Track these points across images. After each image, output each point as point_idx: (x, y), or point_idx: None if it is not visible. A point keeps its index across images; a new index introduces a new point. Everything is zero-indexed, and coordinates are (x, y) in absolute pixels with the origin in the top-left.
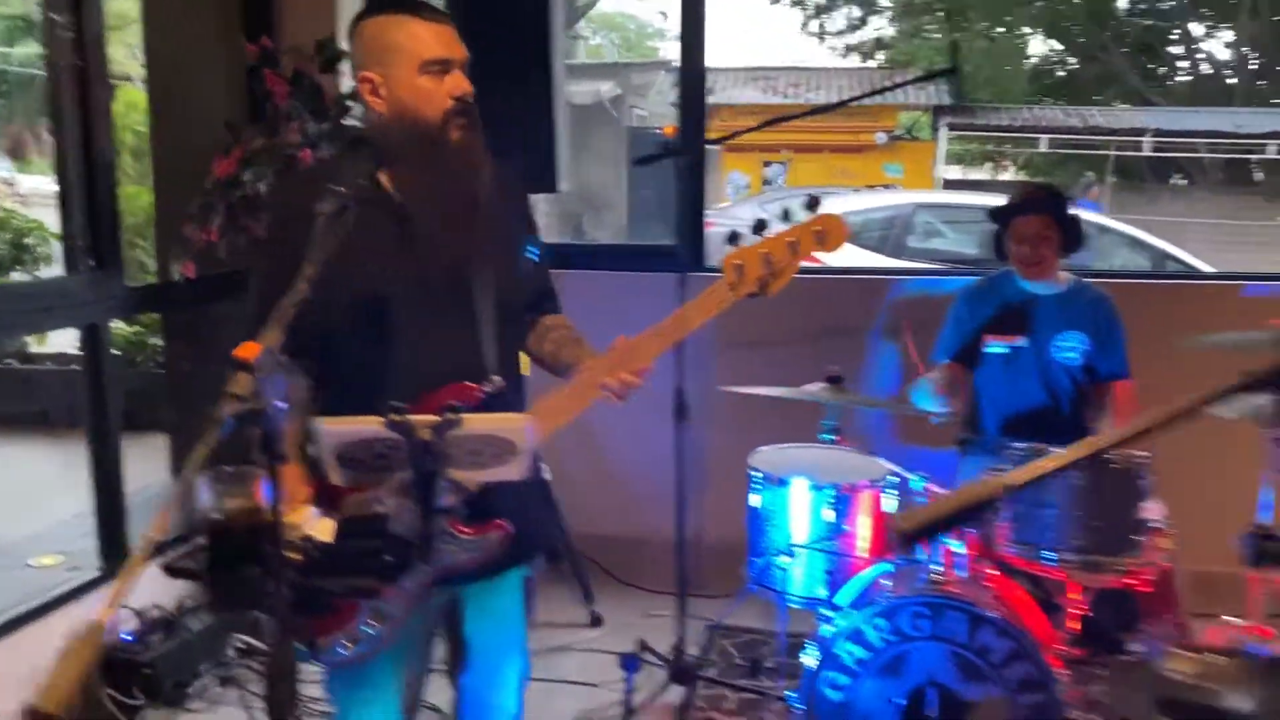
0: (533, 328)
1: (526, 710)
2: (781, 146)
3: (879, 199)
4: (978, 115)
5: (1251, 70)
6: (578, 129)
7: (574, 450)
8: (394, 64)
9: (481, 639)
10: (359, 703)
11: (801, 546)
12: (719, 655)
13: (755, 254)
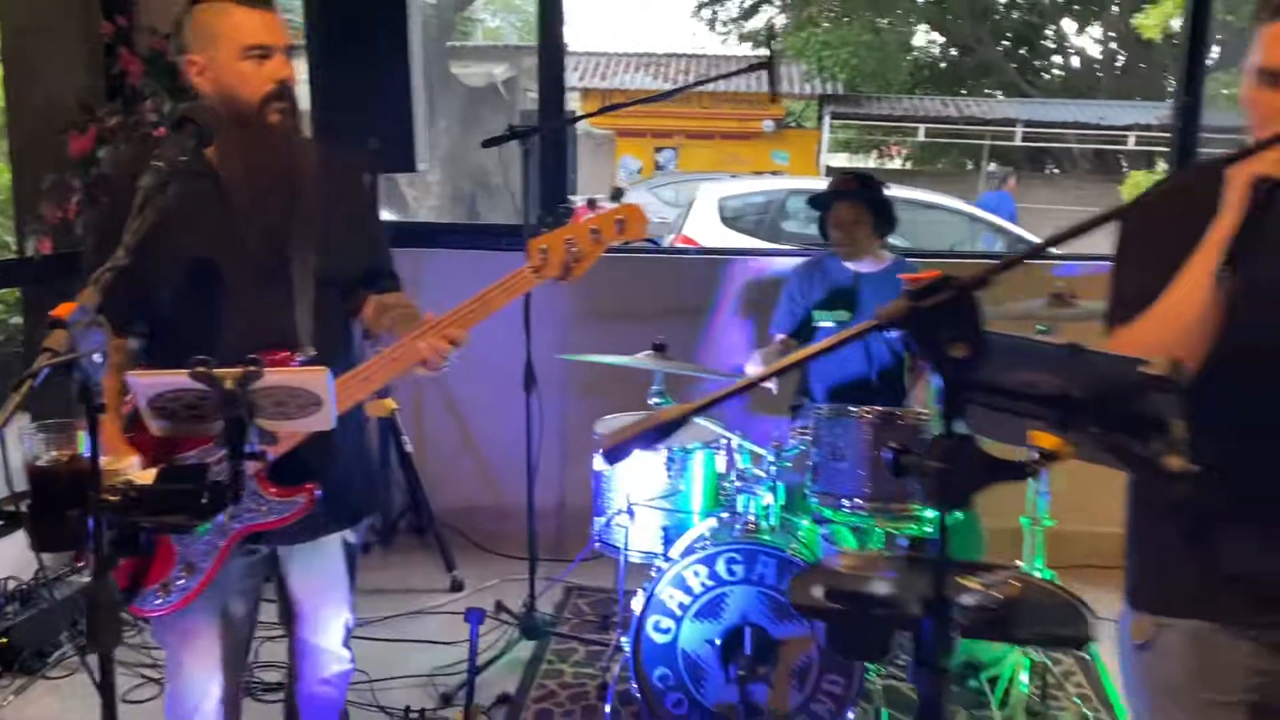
0: (370, 304)
1: (385, 668)
2: (674, 133)
3: (756, 184)
4: (861, 104)
5: (1118, 65)
6: (470, 111)
7: (437, 424)
8: (217, 48)
9: (307, 596)
10: (182, 650)
11: (639, 505)
12: (572, 613)
13: (559, 240)
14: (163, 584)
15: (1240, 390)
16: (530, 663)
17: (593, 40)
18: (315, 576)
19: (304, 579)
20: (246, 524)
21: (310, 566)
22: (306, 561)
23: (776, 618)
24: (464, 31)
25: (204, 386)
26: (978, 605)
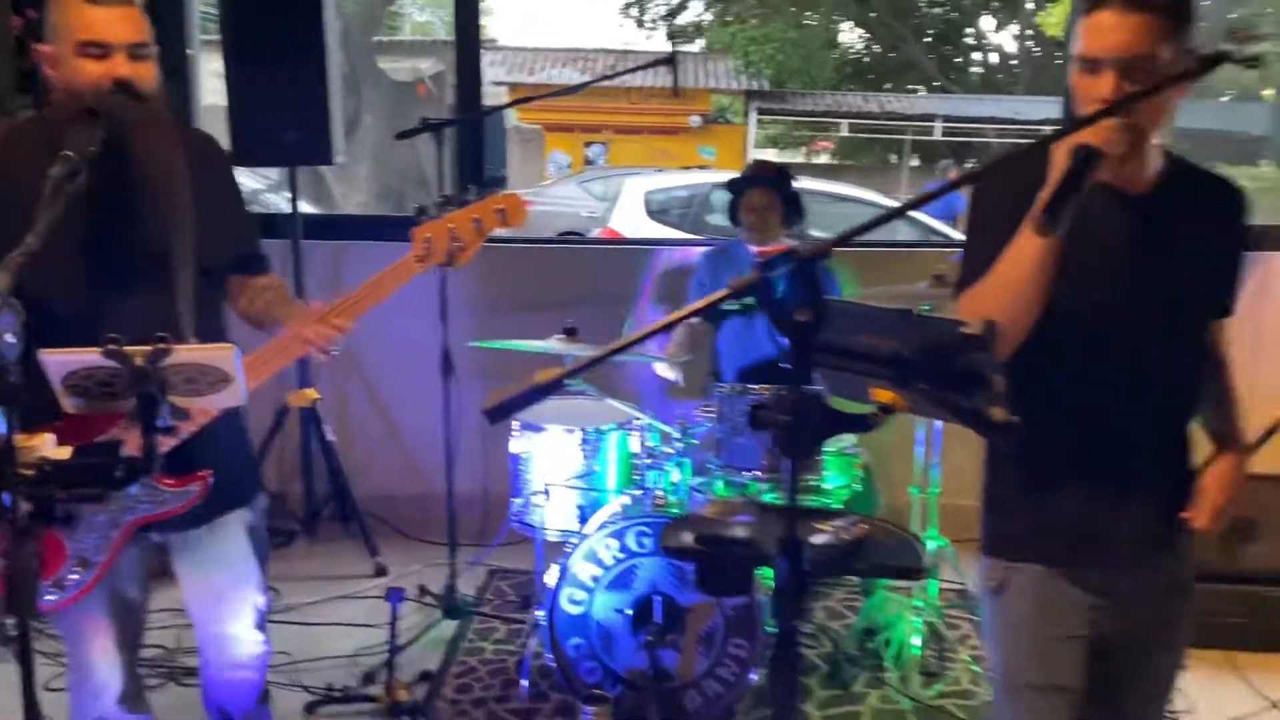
0: (243, 289)
1: (309, 650)
2: (602, 128)
3: (681, 178)
4: (786, 100)
5: (1034, 61)
6: (398, 106)
7: (359, 414)
8: (60, 41)
9: (207, 583)
10: (80, 644)
11: (555, 486)
12: (494, 594)
13: (443, 228)
14: (55, 580)
15: (1063, 350)
16: (452, 641)
17: (521, 35)
18: (214, 563)
19: (202, 566)
20: (141, 515)
21: (207, 553)
22: (202, 549)
23: (684, 587)
24: (391, 26)
25: (115, 364)
26: (827, 544)
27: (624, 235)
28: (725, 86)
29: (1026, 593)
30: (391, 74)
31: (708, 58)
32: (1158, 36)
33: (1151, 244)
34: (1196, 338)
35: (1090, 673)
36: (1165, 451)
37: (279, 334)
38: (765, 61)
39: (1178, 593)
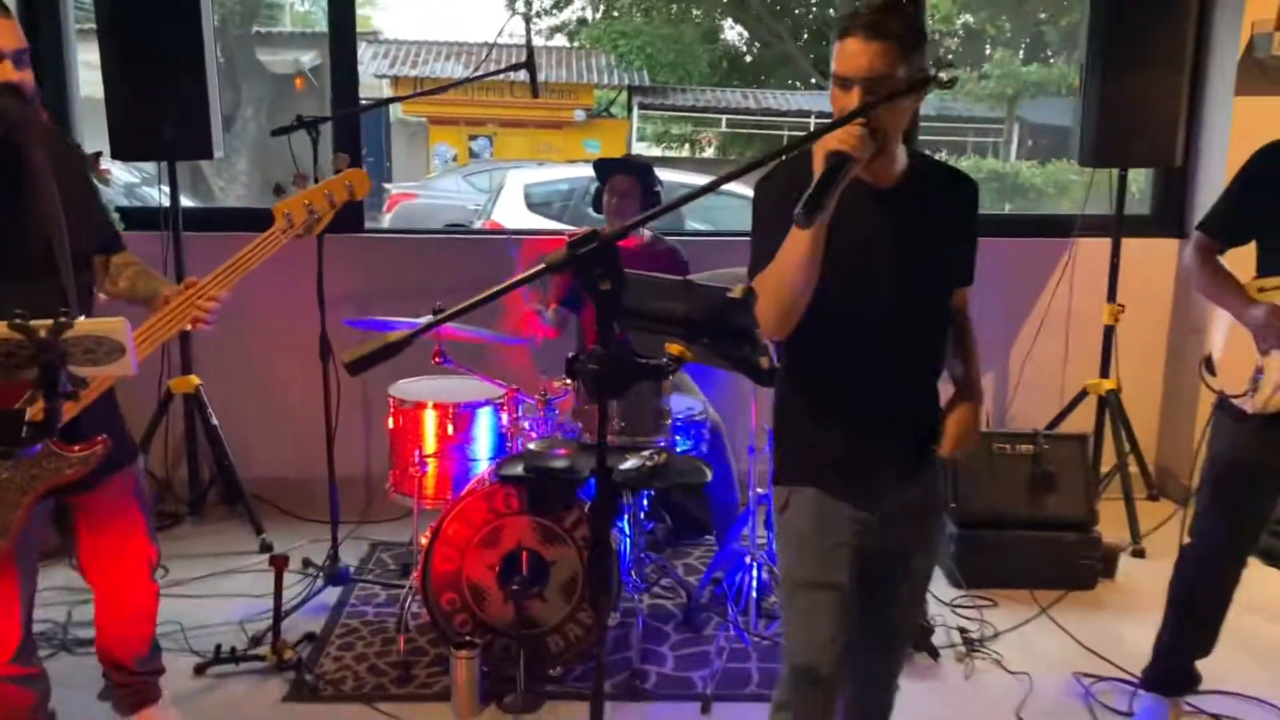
0: (105, 268)
1: (198, 619)
2: (487, 121)
3: (561, 172)
4: (666, 96)
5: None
6: (278, 99)
7: (242, 398)
8: None
9: (103, 537)
10: None
11: (431, 457)
12: (377, 565)
13: (300, 203)
14: None
15: (830, 316)
16: (335, 607)
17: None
18: (108, 519)
19: (98, 524)
20: (49, 480)
21: (105, 510)
22: (98, 508)
23: (547, 542)
24: (271, 16)
25: (20, 336)
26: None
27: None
28: (607, 82)
29: (804, 511)
30: (271, 66)
31: (590, 53)
32: (894, 60)
33: (899, 228)
34: (940, 304)
35: (861, 575)
36: (915, 397)
37: (158, 308)
38: (635, 55)
39: (929, 511)
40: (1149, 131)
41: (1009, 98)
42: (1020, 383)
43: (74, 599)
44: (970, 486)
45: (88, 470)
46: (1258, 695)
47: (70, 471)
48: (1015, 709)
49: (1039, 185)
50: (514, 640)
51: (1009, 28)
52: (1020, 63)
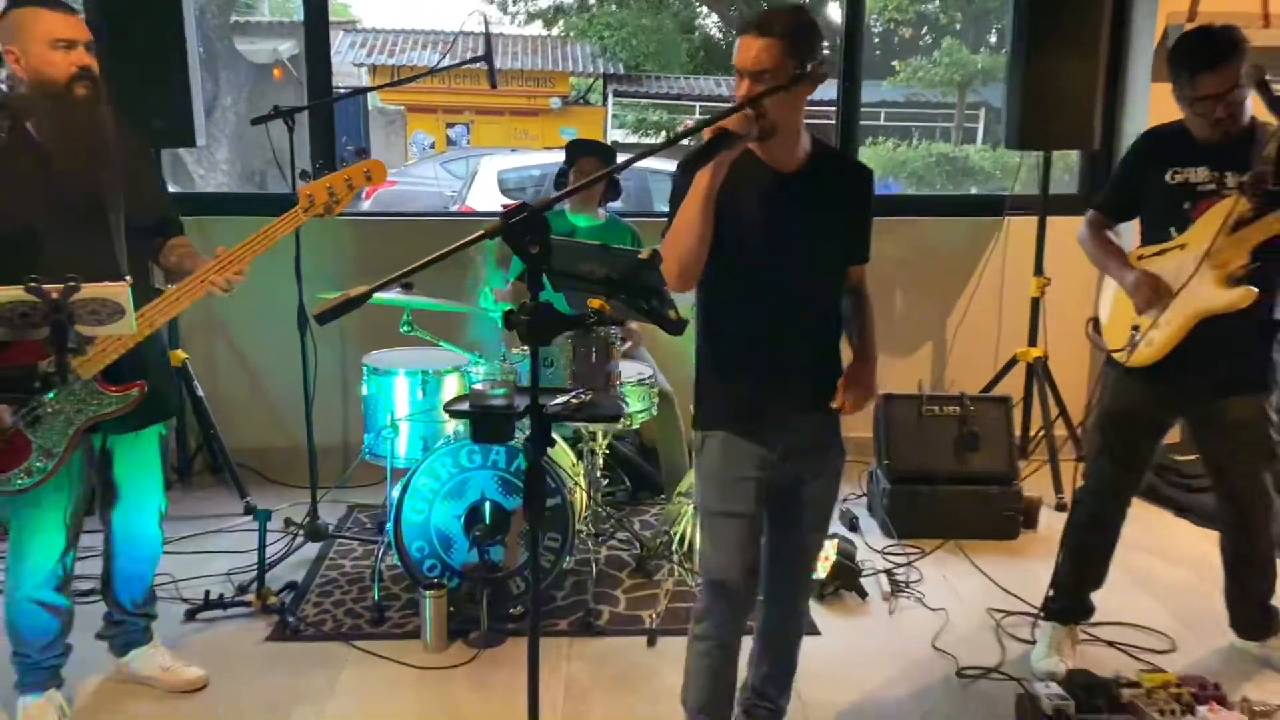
0: (160, 247)
1: (188, 572)
2: (464, 109)
3: (533, 158)
4: (642, 83)
5: (874, 49)
6: (256, 88)
7: (227, 373)
8: (31, 41)
9: (128, 480)
10: (34, 522)
11: (401, 420)
12: (354, 524)
13: (322, 187)
14: (24, 468)
15: (739, 284)
16: (315, 560)
17: (384, 17)
18: (137, 463)
19: (127, 466)
20: (93, 415)
21: (133, 454)
22: (130, 450)
23: (507, 493)
24: (248, 5)
25: (35, 299)
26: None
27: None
28: (583, 70)
29: (715, 451)
30: (249, 56)
31: (566, 41)
32: (778, 55)
33: (798, 208)
34: (835, 276)
35: (769, 504)
36: (812, 353)
37: (187, 278)
38: (620, 46)
39: (825, 448)
40: (1068, 117)
41: (958, 84)
42: (956, 350)
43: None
44: (901, 445)
45: (126, 408)
46: (1149, 624)
47: (111, 409)
48: (931, 639)
49: (987, 168)
50: (478, 583)
51: (959, 16)
52: (969, 51)
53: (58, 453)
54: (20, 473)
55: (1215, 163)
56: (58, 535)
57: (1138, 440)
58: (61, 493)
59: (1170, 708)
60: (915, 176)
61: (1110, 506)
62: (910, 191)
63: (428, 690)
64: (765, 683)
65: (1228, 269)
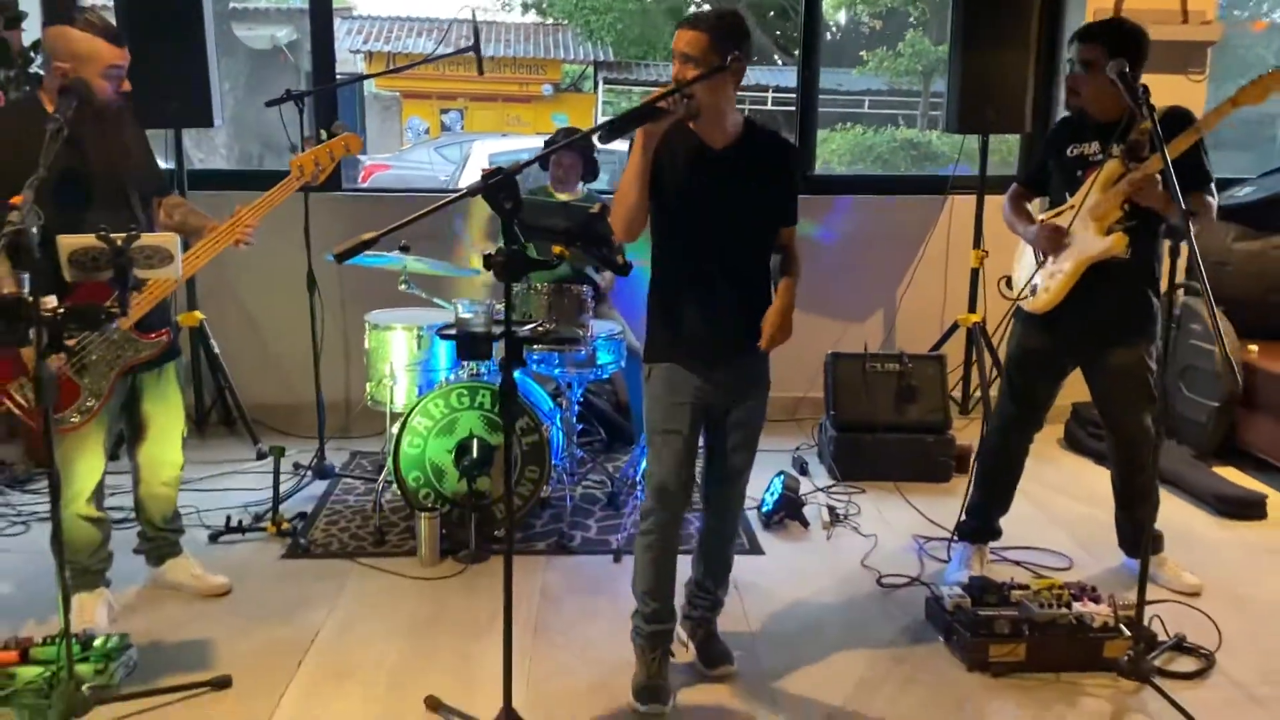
0: (160, 206)
1: (209, 505)
2: (458, 95)
3: (522, 142)
4: (631, 70)
5: (863, 37)
6: (256, 74)
7: (240, 334)
8: (84, 64)
9: (155, 414)
10: (81, 451)
11: (399, 369)
12: (356, 467)
13: (310, 159)
14: (76, 407)
15: (682, 241)
16: (322, 496)
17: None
18: (161, 395)
19: (154, 398)
20: (129, 360)
21: (159, 389)
22: (155, 386)
23: (493, 431)
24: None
25: (105, 245)
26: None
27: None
28: (574, 57)
29: (659, 379)
30: (248, 42)
31: (558, 29)
32: (704, 47)
33: (729, 178)
34: (763, 235)
35: (705, 427)
36: (743, 298)
37: (207, 234)
38: (606, 30)
39: (753, 381)
40: (1002, 103)
41: (921, 73)
42: (904, 316)
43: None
44: (846, 398)
45: (158, 353)
46: (1053, 548)
47: (145, 354)
48: (861, 559)
49: (948, 152)
50: (466, 509)
51: (926, 10)
52: (931, 42)
53: (102, 392)
54: (74, 411)
55: (1105, 138)
56: (99, 461)
57: (1036, 381)
58: (102, 427)
59: (1050, 602)
60: (881, 160)
61: (1013, 439)
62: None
63: (422, 595)
64: (705, 577)
65: (1106, 221)
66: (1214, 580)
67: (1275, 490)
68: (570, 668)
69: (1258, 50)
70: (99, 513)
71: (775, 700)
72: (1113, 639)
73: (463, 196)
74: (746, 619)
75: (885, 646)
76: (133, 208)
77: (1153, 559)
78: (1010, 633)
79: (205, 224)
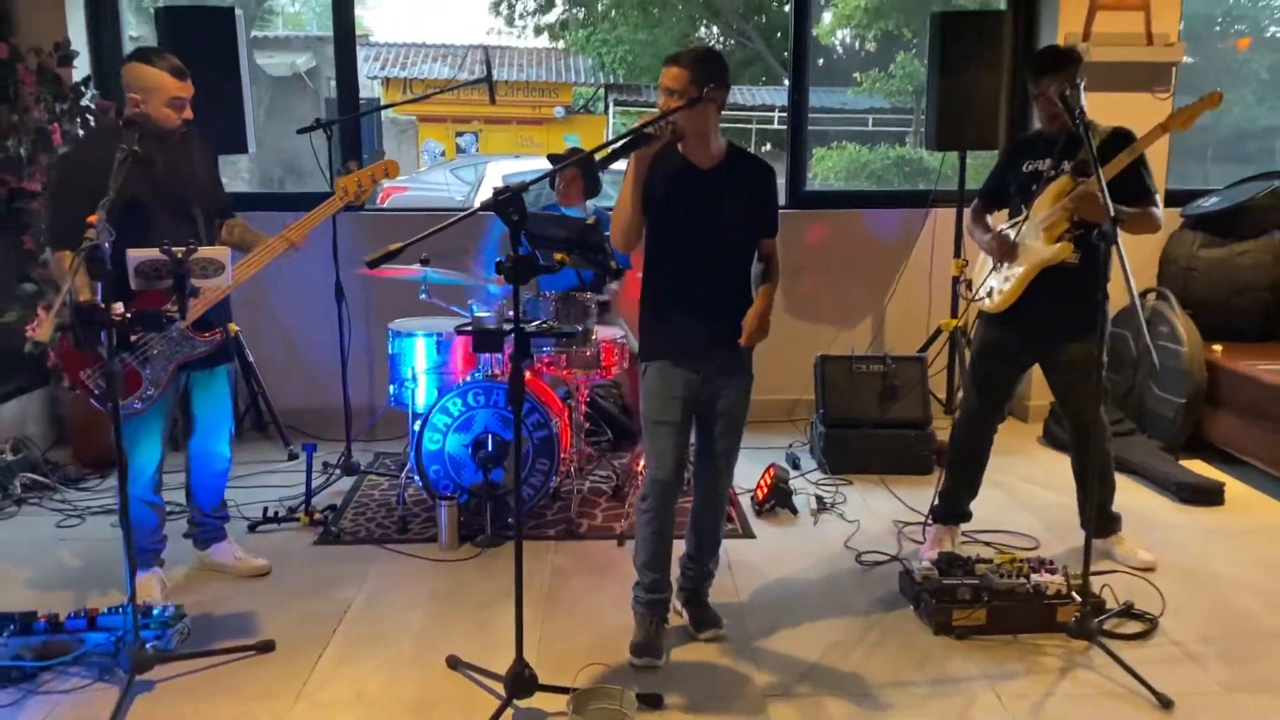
0: (223, 227)
1: (246, 500)
2: (473, 118)
3: (535, 164)
4: (641, 93)
5: (863, 58)
6: (276, 100)
7: (272, 345)
8: (152, 95)
9: (204, 410)
10: (142, 438)
11: (420, 372)
12: (381, 466)
13: (353, 180)
14: (139, 395)
15: (673, 249)
16: (349, 491)
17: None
18: (212, 394)
19: (204, 397)
20: (185, 355)
21: (209, 387)
22: (207, 384)
23: (506, 427)
24: (264, 20)
25: (166, 258)
26: (535, 325)
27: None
28: (585, 81)
29: (653, 375)
30: (268, 69)
31: (569, 54)
32: (685, 81)
33: (713, 194)
34: (745, 245)
35: (695, 416)
36: (727, 301)
37: (263, 243)
38: (617, 62)
39: (736, 374)
40: (975, 122)
41: (913, 93)
42: (891, 322)
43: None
44: (835, 397)
45: (212, 350)
46: (1020, 530)
47: (201, 350)
48: (844, 541)
49: (940, 168)
50: (482, 498)
51: (915, 33)
52: (921, 64)
53: (161, 382)
54: (136, 399)
55: (1057, 155)
56: (157, 449)
57: (998, 375)
58: (160, 416)
59: (1010, 573)
60: (875, 176)
61: (978, 428)
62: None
63: (442, 574)
64: (698, 550)
65: (1056, 230)
66: (1167, 557)
67: (1235, 479)
68: (576, 632)
69: (1251, 65)
70: (156, 498)
71: (757, 659)
72: (1065, 604)
73: (476, 212)
74: (736, 591)
75: (860, 614)
76: (196, 224)
77: (1112, 538)
78: (971, 599)
79: (259, 239)
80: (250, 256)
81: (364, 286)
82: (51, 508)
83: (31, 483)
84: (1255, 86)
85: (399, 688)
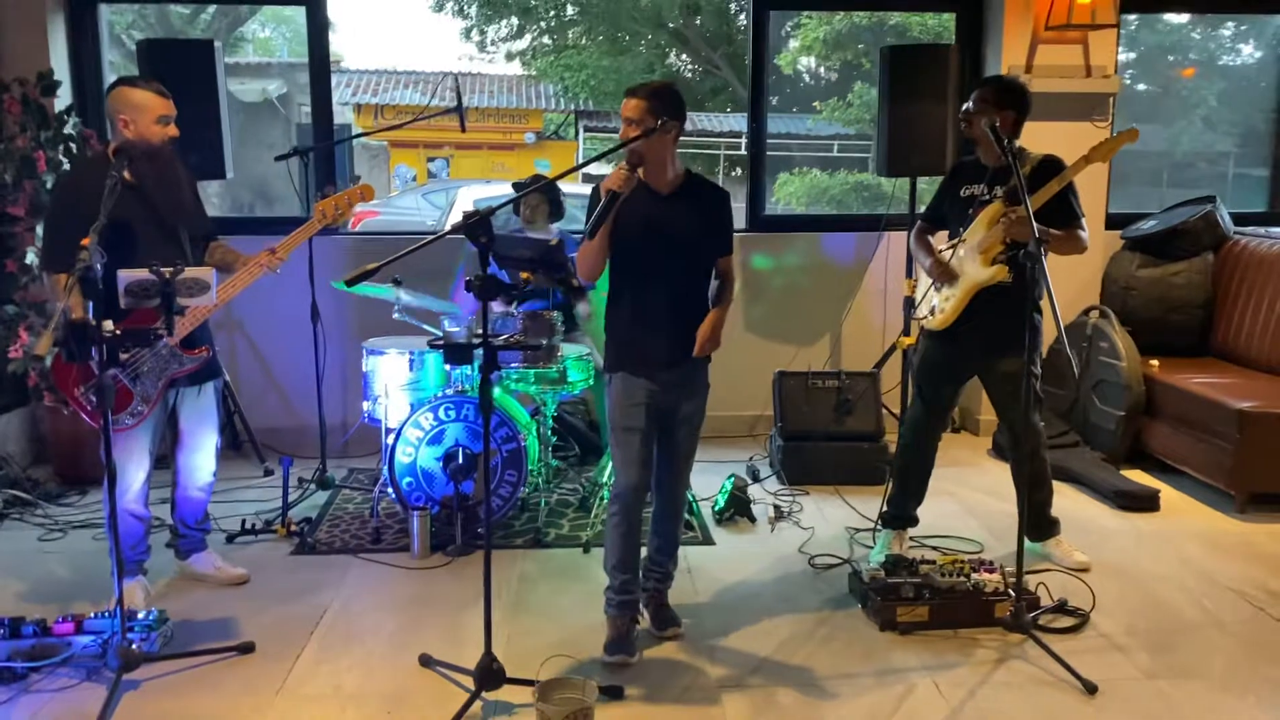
0: (206, 248)
1: (223, 513)
2: (444, 144)
3: (506, 188)
4: (610, 119)
5: (823, 87)
6: (247, 125)
7: (247, 367)
8: (141, 115)
9: (191, 425)
10: (131, 452)
11: (394, 388)
12: (355, 481)
13: (331, 203)
14: (129, 411)
15: (632, 269)
16: (325, 505)
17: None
18: (199, 410)
19: (192, 412)
20: (174, 372)
21: (197, 403)
22: (193, 401)
23: (476, 441)
24: (235, 47)
25: (154, 277)
26: (503, 339)
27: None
28: (555, 107)
29: (617, 385)
30: (239, 95)
31: (539, 80)
32: (645, 112)
33: (671, 217)
34: (706, 265)
35: (657, 423)
36: (684, 316)
37: (242, 263)
38: (580, 86)
39: (694, 384)
40: (924, 149)
41: (870, 121)
42: (847, 339)
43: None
44: (792, 411)
45: (199, 367)
46: (967, 536)
47: (189, 366)
48: (799, 546)
49: (897, 194)
50: (453, 509)
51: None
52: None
53: (151, 398)
54: (127, 414)
55: (991, 181)
56: (145, 462)
57: (940, 387)
58: (149, 431)
59: (951, 573)
60: (835, 201)
61: (922, 437)
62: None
63: (414, 581)
64: (658, 552)
65: (991, 253)
66: (1101, 559)
67: (1170, 487)
68: (543, 630)
69: (1200, 93)
70: (143, 510)
71: (713, 654)
72: (1002, 601)
73: (446, 234)
74: (695, 593)
75: (811, 612)
76: (183, 246)
77: (1049, 540)
78: (914, 596)
79: (240, 259)
80: (233, 277)
81: (339, 307)
82: (34, 522)
83: (13, 499)
84: (1205, 112)
85: (374, 683)
